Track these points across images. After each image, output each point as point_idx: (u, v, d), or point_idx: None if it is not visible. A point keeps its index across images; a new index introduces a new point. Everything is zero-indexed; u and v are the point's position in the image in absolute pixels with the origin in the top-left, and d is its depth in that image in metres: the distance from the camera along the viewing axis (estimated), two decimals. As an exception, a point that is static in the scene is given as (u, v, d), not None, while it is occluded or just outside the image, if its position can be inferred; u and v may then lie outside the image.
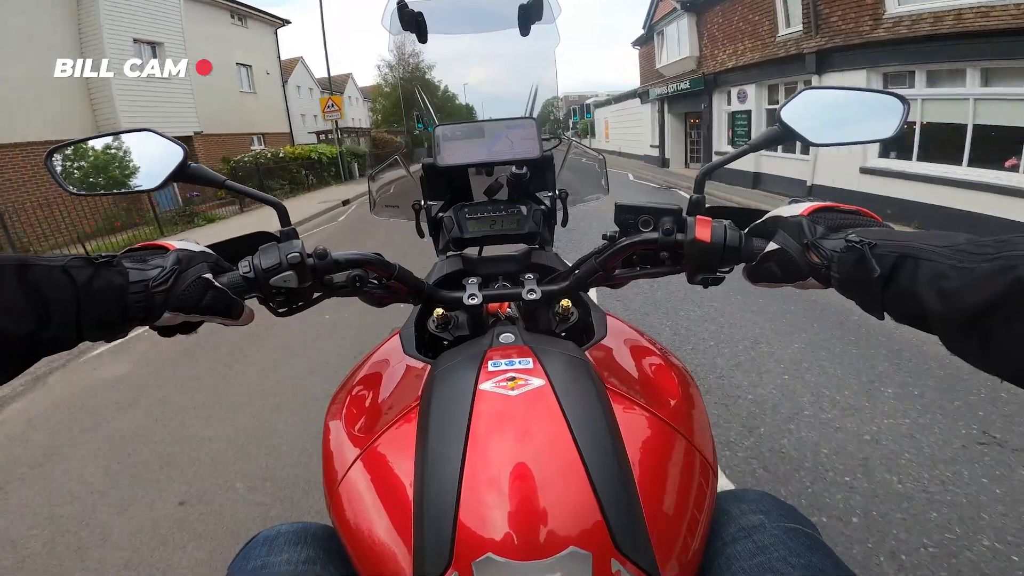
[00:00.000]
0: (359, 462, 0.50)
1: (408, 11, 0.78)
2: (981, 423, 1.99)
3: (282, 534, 0.54)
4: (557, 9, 0.82)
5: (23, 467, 2.19)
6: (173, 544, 1.67)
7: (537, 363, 0.47)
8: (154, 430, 2.39)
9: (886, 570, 1.37)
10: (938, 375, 2.36)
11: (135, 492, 1.94)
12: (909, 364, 2.50)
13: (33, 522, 1.83)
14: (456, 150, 0.73)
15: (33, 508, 1.91)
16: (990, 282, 0.31)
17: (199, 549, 1.64)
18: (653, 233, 0.53)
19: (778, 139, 0.57)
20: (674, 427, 0.51)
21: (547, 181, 0.82)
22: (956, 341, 0.35)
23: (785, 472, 1.78)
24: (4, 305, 0.37)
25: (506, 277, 0.74)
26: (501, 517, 0.37)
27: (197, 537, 1.69)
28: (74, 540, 1.73)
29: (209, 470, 2.03)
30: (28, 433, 2.51)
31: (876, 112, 0.58)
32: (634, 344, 0.68)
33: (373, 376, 0.66)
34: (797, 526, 0.50)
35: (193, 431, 2.34)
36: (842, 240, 0.42)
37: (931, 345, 2.51)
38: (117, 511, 1.85)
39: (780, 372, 2.51)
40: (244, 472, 2.00)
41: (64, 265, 0.41)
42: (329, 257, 0.53)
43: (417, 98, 0.92)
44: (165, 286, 0.46)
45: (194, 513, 1.80)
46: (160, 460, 2.14)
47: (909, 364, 2.50)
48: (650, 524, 0.41)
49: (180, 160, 0.53)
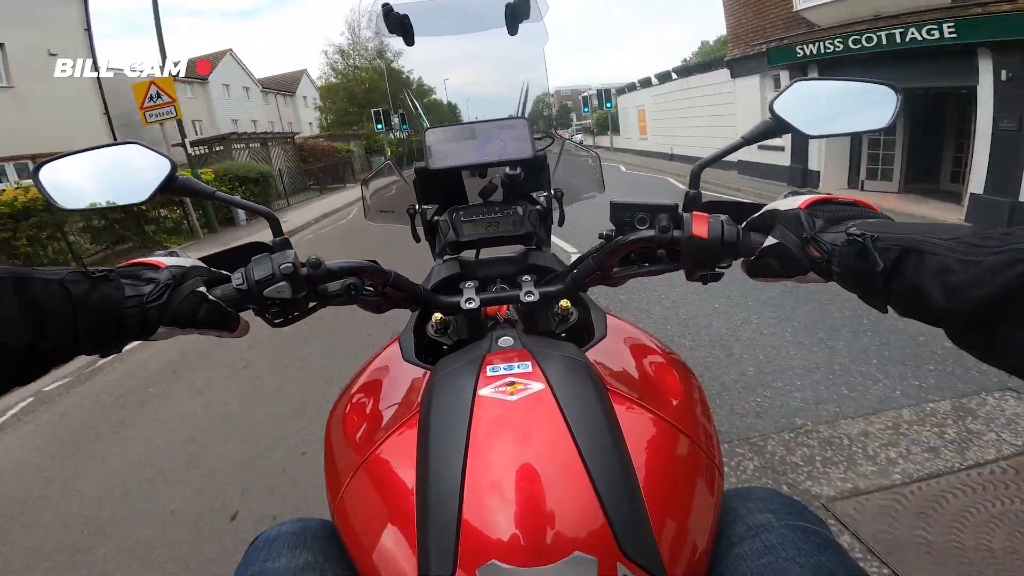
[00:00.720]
0: (361, 470, 0.50)
1: (394, 14, 0.78)
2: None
3: (281, 536, 0.54)
4: (544, 7, 0.81)
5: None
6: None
7: (536, 367, 0.47)
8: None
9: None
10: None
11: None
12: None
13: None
14: (448, 153, 0.73)
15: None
16: (997, 276, 0.30)
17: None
18: (649, 231, 0.53)
19: (771, 132, 0.56)
20: (677, 427, 0.50)
21: (542, 181, 0.82)
22: (962, 336, 0.34)
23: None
24: (2, 318, 0.37)
25: (504, 279, 0.73)
26: (504, 523, 0.37)
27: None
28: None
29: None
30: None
31: (869, 102, 0.57)
32: (635, 343, 0.68)
33: (373, 383, 0.65)
34: (805, 524, 0.50)
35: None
36: (843, 233, 0.42)
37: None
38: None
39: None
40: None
41: (61, 279, 0.41)
42: (323, 266, 0.52)
43: (397, 97, 0.91)
44: (159, 301, 0.46)
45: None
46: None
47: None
48: (655, 526, 0.40)
49: (168, 172, 0.53)
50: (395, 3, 0.77)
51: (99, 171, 0.56)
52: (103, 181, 0.55)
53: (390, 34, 0.79)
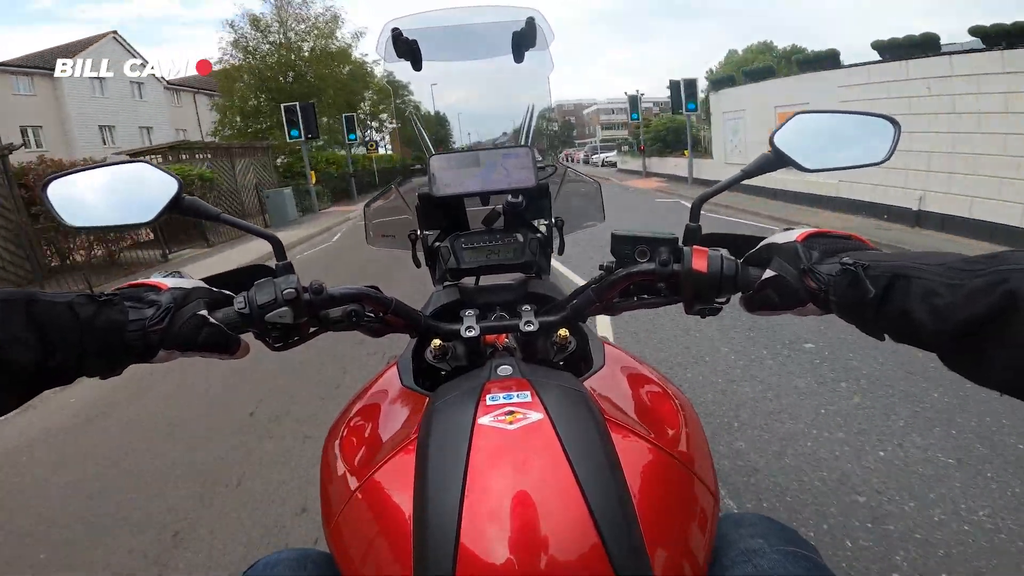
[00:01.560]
0: (358, 494, 0.50)
1: (403, 39, 0.79)
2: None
3: (282, 561, 0.53)
4: (551, 35, 0.83)
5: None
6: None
7: (535, 396, 0.47)
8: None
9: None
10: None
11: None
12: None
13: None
14: (452, 180, 0.73)
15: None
16: (981, 296, 0.32)
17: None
18: (649, 264, 0.53)
19: (771, 165, 0.57)
20: (674, 456, 0.51)
21: (543, 209, 0.82)
22: (952, 357, 0.35)
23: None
24: (12, 336, 0.38)
25: (503, 307, 0.73)
26: (501, 550, 0.37)
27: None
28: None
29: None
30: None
31: (868, 135, 0.58)
32: (632, 372, 0.68)
33: (371, 407, 0.65)
34: (797, 549, 0.50)
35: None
36: (837, 263, 0.43)
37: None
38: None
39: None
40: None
41: (70, 302, 0.43)
42: (325, 292, 0.52)
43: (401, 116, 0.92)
44: (161, 325, 0.46)
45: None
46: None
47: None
48: (651, 552, 0.40)
49: (175, 193, 0.53)
50: (404, 28, 0.79)
51: (107, 189, 0.56)
52: (110, 199, 0.55)
53: (397, 58, 0.80)
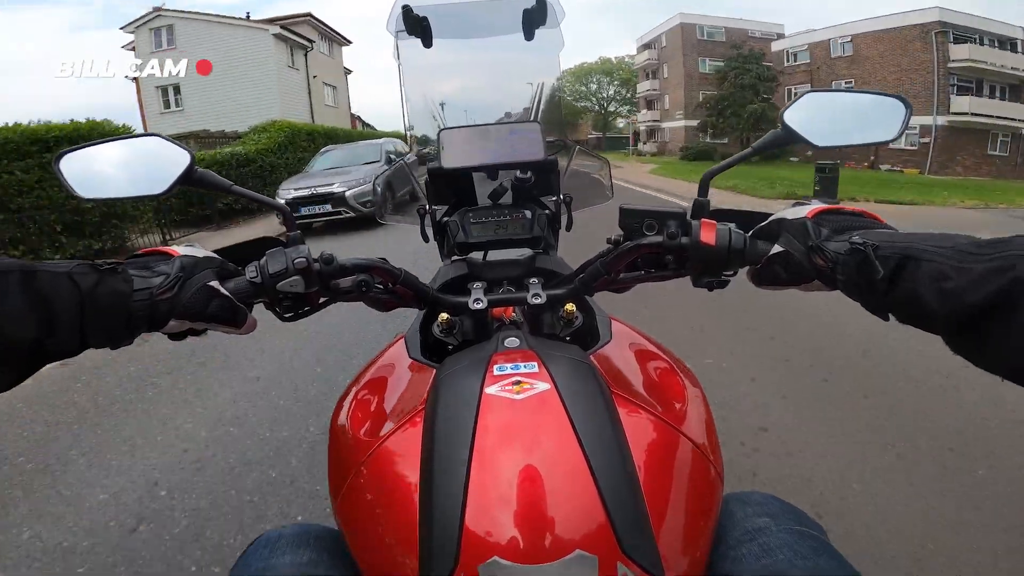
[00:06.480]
0: (365, 465, 0.50)
1: (413, 15, 0.79)
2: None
3: (284, 537, 0.54)
4: (561, 13, 0.82)
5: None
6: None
7: (542, 367, 0.47)
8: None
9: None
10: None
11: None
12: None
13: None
14: (461, 153, 0.73)
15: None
16: (988, 281, 0.31)
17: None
18: (658, 237, 0.53)
19: (781, 141, 0.57)
20: (679, 431, 0.51)
21: (552, 185, 0.82)
22: (957, 341, 0.35)
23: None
24: (9, 312, 0.36)
25: (511, 281, 0.74)
26: (507, 520, 0.37)
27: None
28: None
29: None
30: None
31: (878, 114, 0.58)
32: (639, 348, 0.68)
33: (378, 380, 0.66)
34: (803, 528, 0.50)
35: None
36: (846, 242, 0.42)
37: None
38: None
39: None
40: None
41: (69, 272, 0.41)
42: (335, 262, 0.53)
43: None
44: (170, 293, 0.45)
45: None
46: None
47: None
48: (656, 527, 0.41)
49: (187, 165, 0.53)
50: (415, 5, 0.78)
51: (120, 161, 0.56)
52: (123, 172, 0.56)
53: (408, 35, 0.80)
